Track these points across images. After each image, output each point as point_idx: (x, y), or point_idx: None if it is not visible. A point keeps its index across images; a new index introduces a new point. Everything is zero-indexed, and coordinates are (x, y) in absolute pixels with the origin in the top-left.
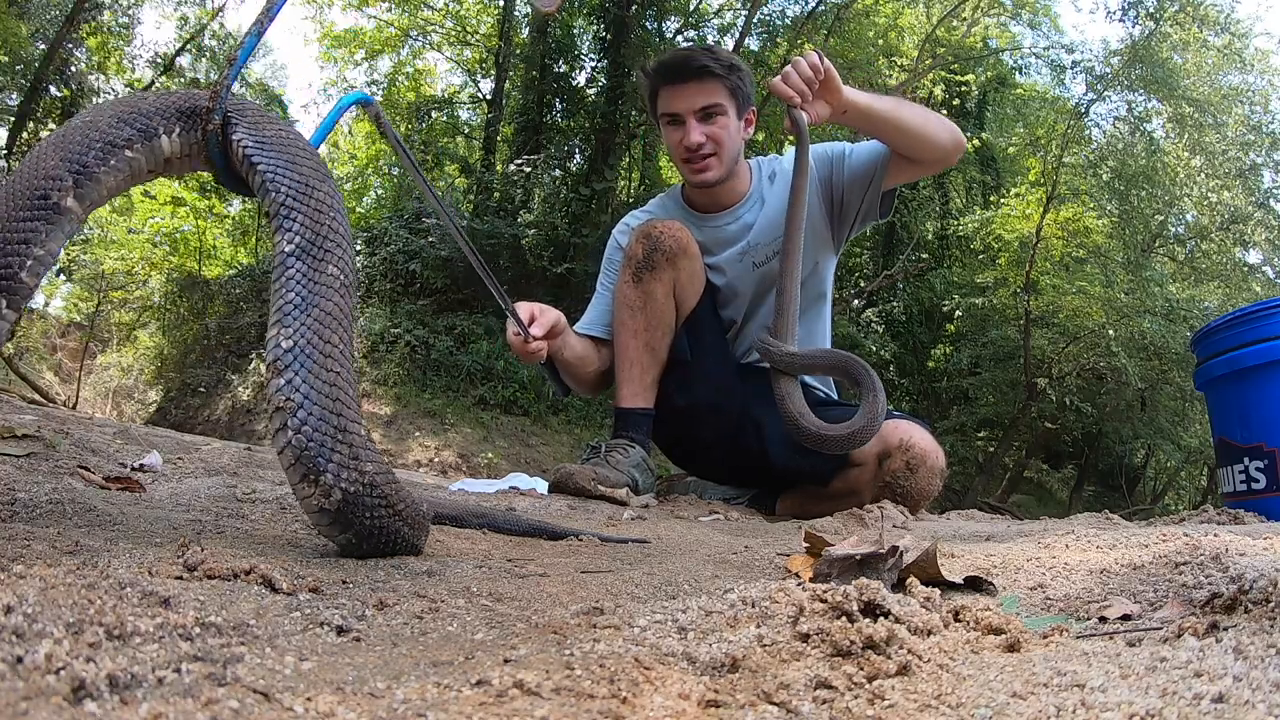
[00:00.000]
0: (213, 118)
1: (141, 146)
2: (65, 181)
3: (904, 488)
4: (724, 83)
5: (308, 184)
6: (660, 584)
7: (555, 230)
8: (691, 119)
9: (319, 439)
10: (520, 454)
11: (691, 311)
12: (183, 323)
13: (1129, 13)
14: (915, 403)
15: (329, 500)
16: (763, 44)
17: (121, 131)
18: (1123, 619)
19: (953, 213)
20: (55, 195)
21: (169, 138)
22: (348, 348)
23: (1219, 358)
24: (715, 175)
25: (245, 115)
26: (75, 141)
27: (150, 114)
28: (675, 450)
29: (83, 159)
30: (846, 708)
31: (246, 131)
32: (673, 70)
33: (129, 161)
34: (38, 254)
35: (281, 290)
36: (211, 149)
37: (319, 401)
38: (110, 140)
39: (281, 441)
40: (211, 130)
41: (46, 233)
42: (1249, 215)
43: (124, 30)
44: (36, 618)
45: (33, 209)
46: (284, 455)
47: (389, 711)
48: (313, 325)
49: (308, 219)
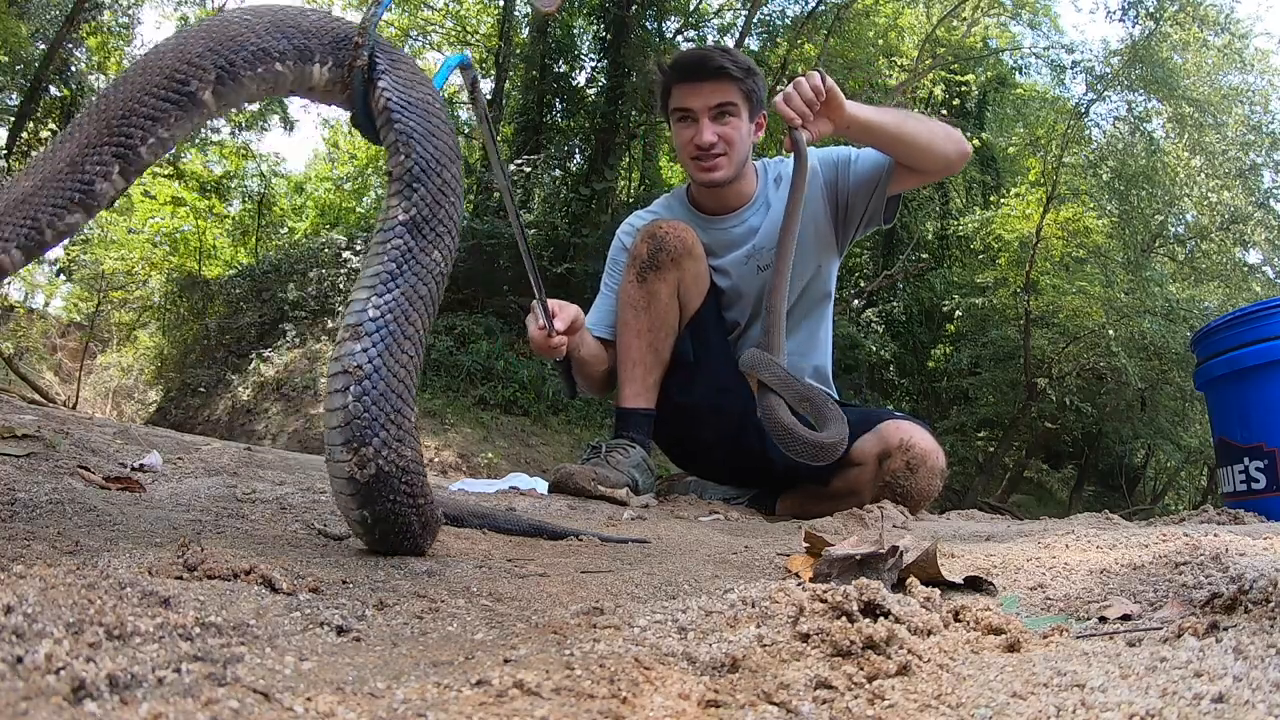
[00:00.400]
0: (360, 54)
1: (294, 65)
2: (208, 74)
3: (904, 488)
4: (740, 85)
5: (439, 161)
6: (660, 584)
7: (555, 230)
8: (705, 117)
9: (374, 412)
10: (520, 454)
11: (695, 313)
12: (183, 323)
13: (1129, 13)
14: (915, 403)
15: (362, 472)
16: (763, 44)
17: (278, 42)
18: (1123, 619)
19: (953, 213)
20: (194, 84)
21: (321, 67)
22: (424, 335)
23: (1219, 358)
24: (724, 175)
25: (398, 67)
26: (228, 36)
27: (309, 33)
28: (676, 450)
29: (231, 57)
30: (846, 708)
31: (394, 84)
32: (690, 68)
33: (277, 75)
34: (161, 135)
35: (381, 257)
36: (356, 87)
37: (385, 377)
38: (264, 48)
39: (336, 402)
40: (357, 68)
41: (175, 118)
42: (1249, 215)
43: (124, 30)
44: (36, 618)
45: (168, 90)
46: (333, 415)
47: (389, 711)
48: (402, 302)
49: (429, 196)
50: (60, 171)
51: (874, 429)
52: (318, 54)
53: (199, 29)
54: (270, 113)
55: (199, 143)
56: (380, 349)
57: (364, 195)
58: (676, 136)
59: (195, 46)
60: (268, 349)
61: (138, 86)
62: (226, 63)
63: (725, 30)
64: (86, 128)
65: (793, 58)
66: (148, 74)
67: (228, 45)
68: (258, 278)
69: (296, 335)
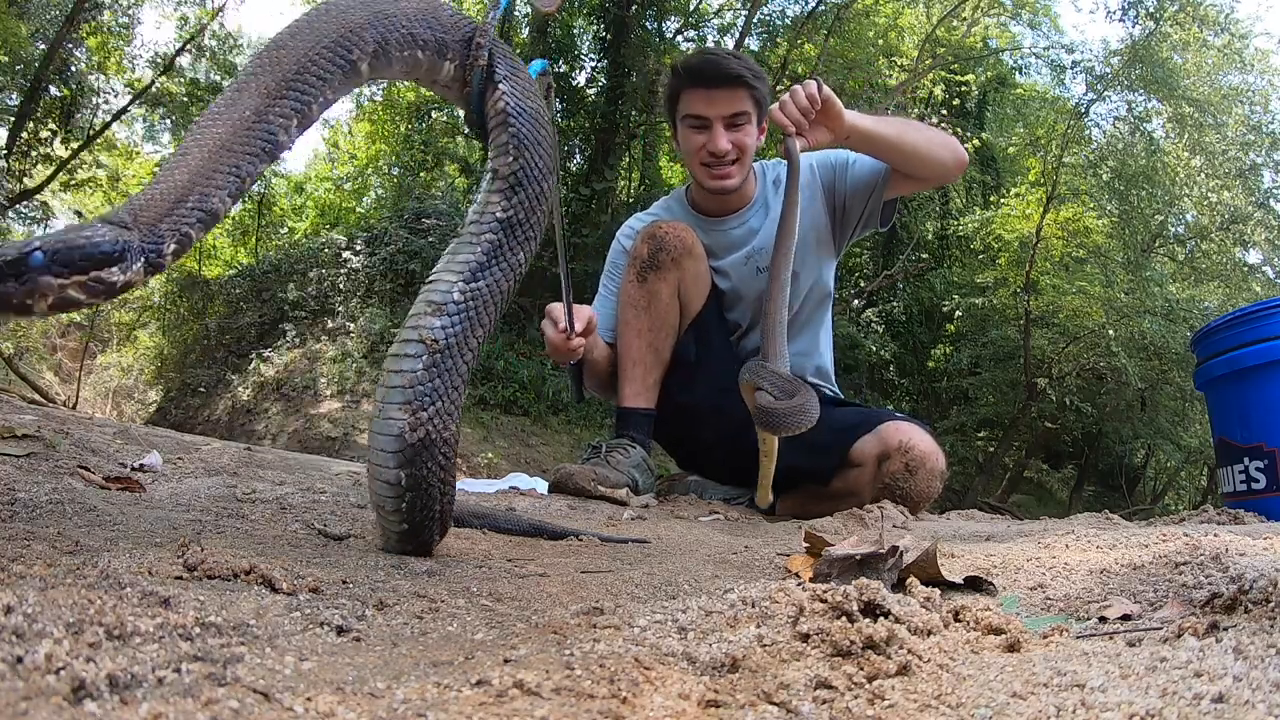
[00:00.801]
0: (481, 55)
1: (431, 56)
2: (368, 47)
3: (904, 490)
4: (753, 92)
5: (541, 171)
6: (660, 584)
7: (555, 230)
8: (719, 125)
9: (437, 384)
10: (520, 454)
11: (697, 314)
12: (183, 323)
13: (1129, 13)
14: (915, 403)
15: (412, 434)
16: (763, 44)
17: (423, 30)
18: (1123, 619)
19: (953, 213)
20: (355, 54)
21: (450, 64)
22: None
23: (1219, 358)
24: (735, 183)
25: (517, 74)
26: (384, 14)
27: (447, 28)
28: (677, 450)
29: (387, 35)
30: (846, 708)
31: (512, 90)
32: (705, 75)
33: (416, 62)
34: (328, 96)
35: (474, 247)
36: (474, 87)
37: (454, 355)
38: (413, 33)
39: (405, 365)
40: (478, 68)
41: (339, 82)
42: (1249, 215)
43: (124, 30)
44: (36, 618)
45: (334, 54)
46: (398, 376)
47: (389, 711)
48: (485, 292)
49: (527, 200)
50: (248, 121)
51: (874, 430)
52: (449, 50)
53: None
54: None
55: None
56: (457, 329)
57: (364, 195)
58: (685, 141)
59: (356, 17)
60: (268, 349)
61: (308, 46)
62: (382, 39)
63: (725, 30)
64: (264, 79)
65: (793, 58)
66: (316, 36)
67: (384, 23)
68: (258, 278)
69: (296, 335)
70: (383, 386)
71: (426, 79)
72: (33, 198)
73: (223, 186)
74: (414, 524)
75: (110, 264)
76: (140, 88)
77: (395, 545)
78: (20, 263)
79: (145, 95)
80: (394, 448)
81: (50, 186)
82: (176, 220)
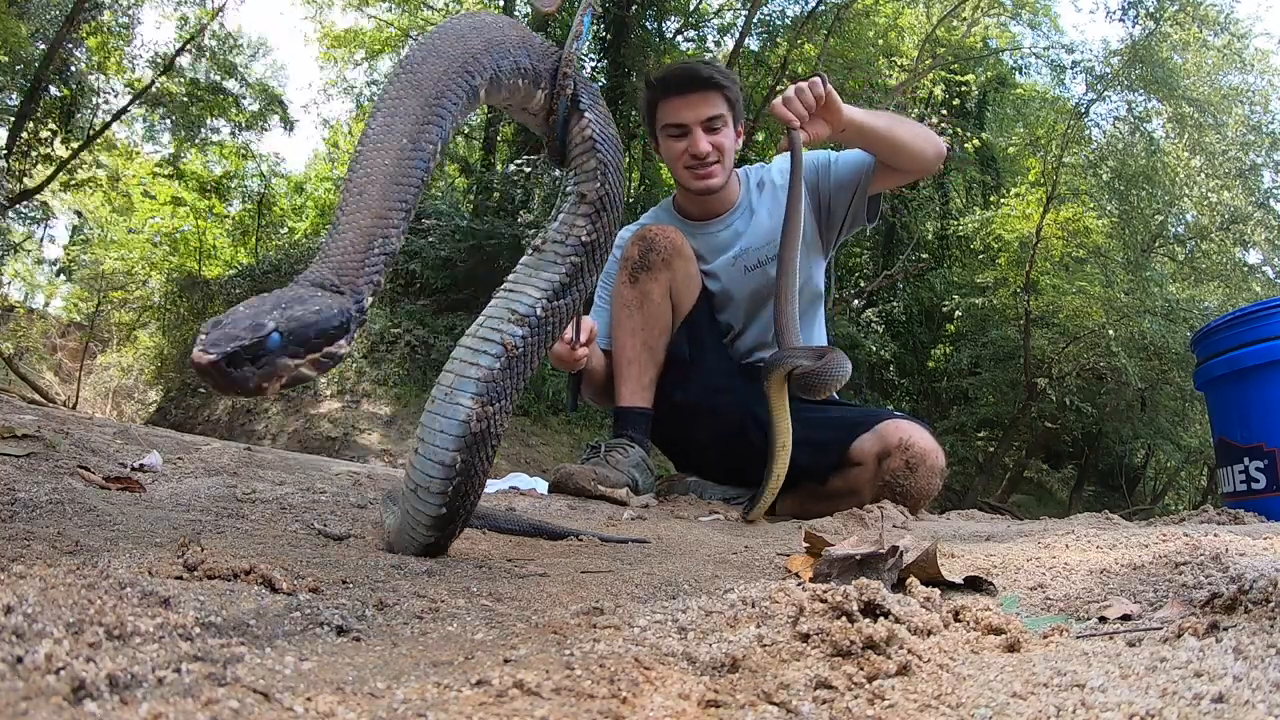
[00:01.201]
0: (568, 84)
1: (528, 84)
2: (485, 73)
3: (904, 487)
4: (726, 94)
5: (619, 196)
6: (660, 584)
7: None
8: (698, 129)
9: (506, 384)
10: (520, 454)
11: (689, 314)
12: (183, 323)
13: (1129, 13)
14: (915, 403)
15: (477, 424)
16: (763, 44)
17: (525, 59)
18: (1123, 619)
19: (953, 213)
20: (477, 79)
21: (541, 92)
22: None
23: (1219, 358)
24: (719, 182)
25: (598, 103)
26: (496, 41)
27: (541, 56)
28: (672, 450)
29: (501, 62)
30: (846, 708)
31: (598, 118)
32: (678, 82)
33: (516, 90)
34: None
35: (559, 267)
36: (560, 114)
37: (525, 361)
38: (518, 61)
39: (484, 361)
40: (564, 96)
41: (465, 107)
42: (1249, 215)
43: (124, 30)
44: (36, 618)
45: (461, 79)
46: (474, 369)
47: (389, 711)
48: (561, 310)
49: (607, 225)
50: (407, 151)
51: (873, 429)
52: (543, 79)
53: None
54: (270, 112)
55: (198, 142)
56: (533, 340)
57: None
58: (667, 150)
59: (474, 44)
60: None
61: (440, 71)
62: (497, 66)
63: (725, 30)
64: (410, 104)
65: (793, 58)
66: (445, 61)
67: (497, 50)
68: (258, 278)
69: None
70: (453, 374)
71: (518, 106)
72: (33, 198)
73: (397, 225)
74: (450, 510)
75: (339, 337)
76: (140, 88)
77: (420, 535)
78: (258, 347)
79: (145, 95)
80: (457, 432)
81: (50, 186)
82: (370, 272)
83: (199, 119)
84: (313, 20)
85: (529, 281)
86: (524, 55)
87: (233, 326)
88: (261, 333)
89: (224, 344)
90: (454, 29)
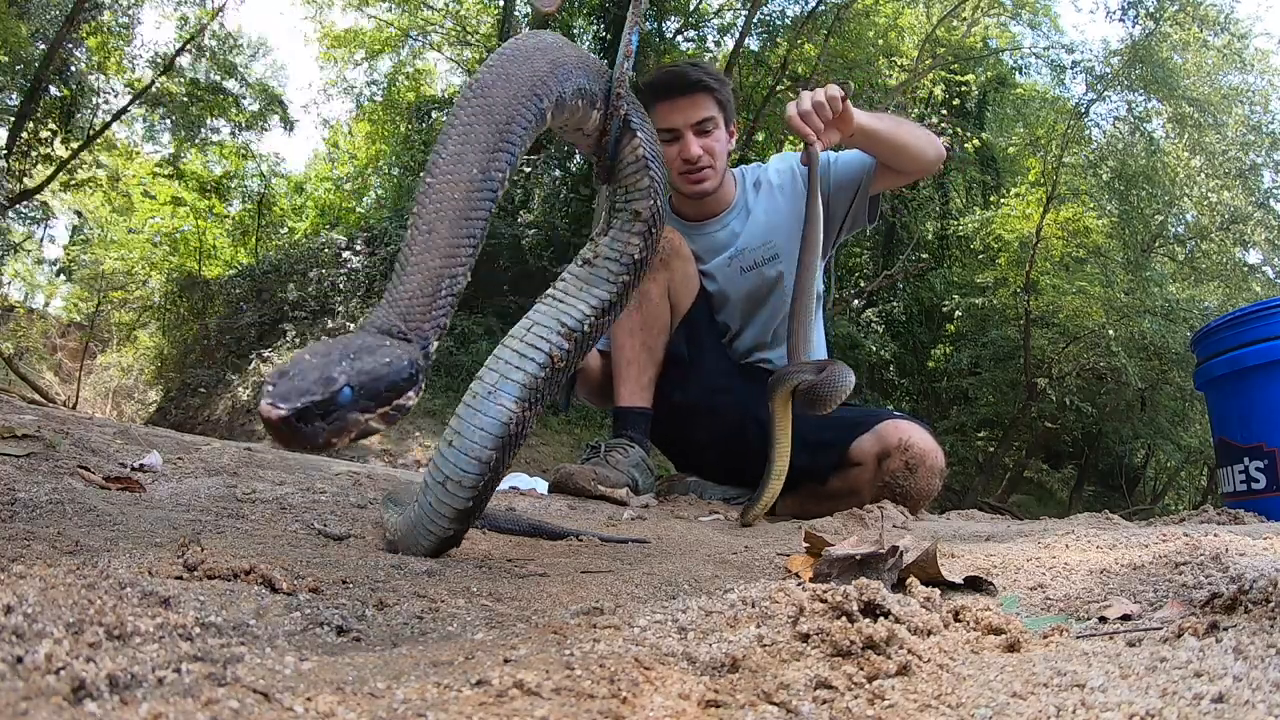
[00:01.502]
0: (621, 105)
1: (586, 104)
2: (551, 96)
3: (903, 488)
4: (716, 96)
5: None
6: (660, 584)
7: (555, 230)
8: (689, 133)
9: (545, 392)
10: (520, 454)
11: (687, 314)
12: (183, 323)
13: (1129, 13)
14: (915, 403)
15: (513, 424)
16: (763, 44)
17: (584, 80)
18: (1123, 619)
19: (953, 213)
20: (545, 102)
21: (597, 113)
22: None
23: (1219, 358)
24: (712, 185)
25: (647, 122)
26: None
27: (596, 77)
28: (671, 450)
29: (564, 85)
30: (846, 708)
31: (648, 138)
32: (668, 86)
33: (577, 110)
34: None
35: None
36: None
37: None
38: (579, 83)
39: (530, 368)
40: (617, 117)
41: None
42: (1249, 215)
43: (124, 30)
44: (36, 618)
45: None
46: (521, 373)
47: (389, 711)
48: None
49: (654, 241)
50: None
51: (873, 429)
52: (599, 100)
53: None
54: (270, 112)
55: (198, 142)
56: (576, 354)
57: (364, 195)
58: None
59: (540, 65)
60: (268, 349)
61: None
62: (561, 89)
63: (725, 30)
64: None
65: (793, 58)
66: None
67: (560, 73)
68: (258, 278)
69: (296, 335)
70: (497, 374)
71: (573, 127)
72: (33, 198)
73: (464, 262)
74: (475, 504)
75: (408, 389)
76: (140, 88)
77: (439, 528)
78: (329, 403)
79: (145, 95)
80: (498, 431)
81: (50, 186)
82: (438, 316)
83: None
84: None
85: (580, 295)
86: (583, 76)
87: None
88: (333, 387)
89: (294, 398)
90: (520, 50)
